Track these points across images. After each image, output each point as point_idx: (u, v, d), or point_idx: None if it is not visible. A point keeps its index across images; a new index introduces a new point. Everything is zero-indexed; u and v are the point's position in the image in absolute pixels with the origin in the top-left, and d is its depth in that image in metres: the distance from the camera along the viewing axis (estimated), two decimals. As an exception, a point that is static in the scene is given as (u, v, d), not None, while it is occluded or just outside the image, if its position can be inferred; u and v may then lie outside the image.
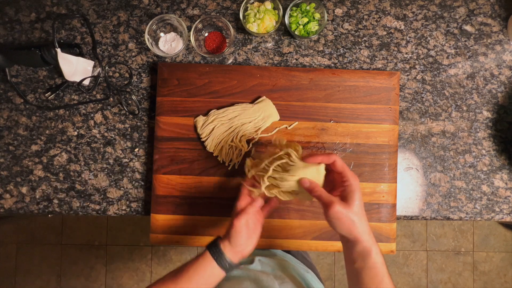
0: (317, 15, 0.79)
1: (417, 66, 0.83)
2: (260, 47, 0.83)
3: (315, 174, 0.56)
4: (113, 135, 0.82)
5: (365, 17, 0.83)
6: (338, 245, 0.78)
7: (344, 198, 0.54)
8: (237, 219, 0.58)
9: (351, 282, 0.57)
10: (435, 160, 0.82)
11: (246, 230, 0.59)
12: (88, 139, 0.82)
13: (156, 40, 0.80)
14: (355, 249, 0.55)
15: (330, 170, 0.58)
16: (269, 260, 0.73)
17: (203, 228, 0.78)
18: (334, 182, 0.58)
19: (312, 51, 0.83)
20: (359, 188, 0.54)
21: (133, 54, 0.83)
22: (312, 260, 0.96)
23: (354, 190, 0.53)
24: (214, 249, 0.58)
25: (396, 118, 0.79)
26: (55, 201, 0.82)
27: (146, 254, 1.82)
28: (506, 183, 0.82)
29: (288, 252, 0.86)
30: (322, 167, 0.57)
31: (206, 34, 0.81)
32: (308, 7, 0.79)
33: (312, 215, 0.78)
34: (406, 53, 0.83)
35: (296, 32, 0.78)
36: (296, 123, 0.79)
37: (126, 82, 0.82)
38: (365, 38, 0.83)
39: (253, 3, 0.79)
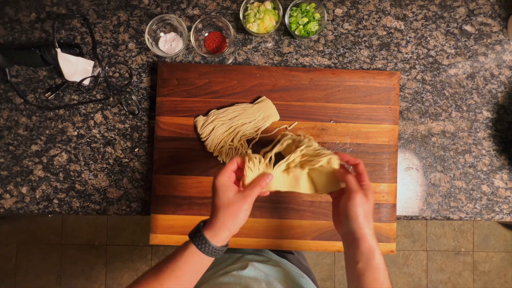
0: (317, 15, 0.79)
1: (417, 66, 0.83)
2: (260, 47, 0.83)
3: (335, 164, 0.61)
4: (113, 135, 0.82)
5: (365, 17, 0.83)
6: (338, 245, 0.78)
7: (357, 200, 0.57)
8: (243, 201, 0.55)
9: (352, 283, 0.57)
10: (435, 160, 0.82)
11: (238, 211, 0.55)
12: (88, 139, 0.82)
13: (156, 40, 0.80)
14: (360, 248, 0.55)
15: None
16: (263, 265, 0.72)
17: (203, 228, 0.78)
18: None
19: (312, 51, 0.83)
20: (372, 190, 0.59)
21: (133, 54, 0.83)
22: (312, 261, 0.96)
23: (370, 189, 0.58)
24: (198, 238, 0.54)
25: (396, 118, 0.79)
26: (55, 201, 0.82)
27: (146, 254, 1.82)
28: (506, 183, 0.82)
29: (284, 257, 0.85)
30: (337, 161, 0.61)
31: (206, 34, 0.81)
32: (308, 7, 0.79)
33: (312, 215, 0.78)
34: (406, 53, 0.83)
35: (296, 32, 0.78)
36: (296, 123, 0.79)
37: (126, 82, 0.82)
38: (365, 38, 0.83)
39: (253, 3, 0.79)
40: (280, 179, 0.61)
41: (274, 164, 0.61)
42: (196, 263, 0.54)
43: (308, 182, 0.62)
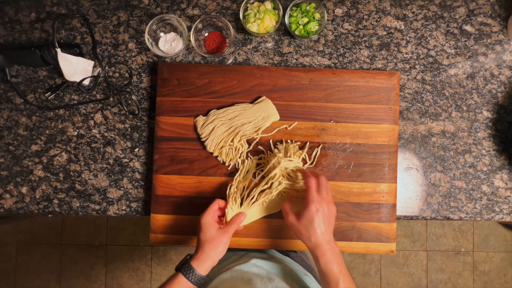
0: (317, 15, 0.79)
1: (417, 66, 0.83)
2: (260, 47, 0.83)
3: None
4: (113, 135, 0.82)
5: (365, 17, 0.83)
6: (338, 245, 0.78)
7: (300, 212, 0.63)
8: (224, 233, 0.67)
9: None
10: (435, 160, 0.82)
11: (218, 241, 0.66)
12: (88, 139, 0.82)
13: (156, 40, 0.80)
14: (327, 280, 0.61)
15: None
16: (265, 262, 0.73)
17: (203, 228, 0.78)
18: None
19: (312, 51, 0.83)
20: (314, 207, 0.62)
21: (133, 54, 0.83)
22: (312, 261, 0.96)
23: (306, 207, 0.63)
24: (186, 269, 0.64)
25: (396, 118, 0.79)
26: (55, 201, 0.82)
27: (146, 254, 1.82)
28: (506, 183, 0.82)
29: (287, 254, 0.85)
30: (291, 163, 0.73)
31: (206, 34, 0.81)
32: (308, 7, 0.79)
33: (312, 215, 0.78)
34: (406, 53, 0.83)
35: (296, 32, 0.78)
36: (296, 123, 0.79)
37: (126, 82, 0.82)
38: (365, 38, 0.83)
39: (253, 3, 0.79)
40: (252, 213, 0.75)
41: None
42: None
43: (274, 204, 0.76)
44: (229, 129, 0.77)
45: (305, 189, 0.64)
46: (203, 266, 0.64)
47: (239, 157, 0.78)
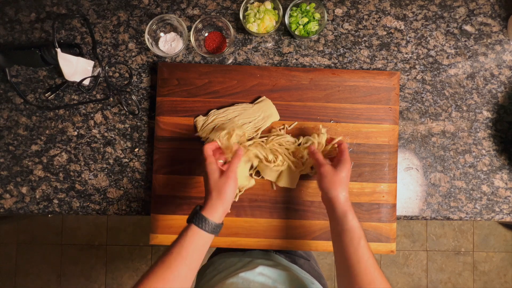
0: (317, 15, 0.79)
1: (417, 66, 0.83)
2: (260, 47, 0.83)
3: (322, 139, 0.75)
4: (113, 135, 0.82)
5: (365, 17, 0.83)
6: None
7: (335, 166, 0.68)
8: (227, 178, 0.64)
9: (334, 245, 0.65)
10: (435, 160, 0.82)
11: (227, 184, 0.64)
12: (88, 139, 0.82)
13: (156, 40, 0.80)
14: (335, 212, 0.64)
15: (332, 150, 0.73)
16: (271, 270, 0.72)
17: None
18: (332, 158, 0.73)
19: (312, 51, 0.83)
20: (349, 166, 0.67)
21: (133, 54, 0.83)
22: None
23: (346, 163, 0.67)
24: (198, 219, 0.62)
25: (396, 118, 0.79)
26: (55, 201, 0.82)
27: (146, 254, 1.82)
28: (506, 183, 0.82)
29: (295, 262, 0.84)
30: (324, 136, 0.74)
31: (206, 34, 0.81)
32: (308, 7, 0.79)
33: (312, 215, 0.78)
34: (406, 53, 0.83)
35: (296, 32, 0.78)
36: (296, 123, 0.79)
37: (126, 82, 0.82)
38: (365, 38, 0.83)
39: (253, 3, 0.79)
40: (270, 172, 0.77)
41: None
42: (199, 242, 0.61)
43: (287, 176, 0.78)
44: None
45: (339, 149, 0.71)
46: (215, 213, 0.62)
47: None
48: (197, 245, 0.61)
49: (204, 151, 0.66)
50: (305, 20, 0.78)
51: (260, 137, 0.78)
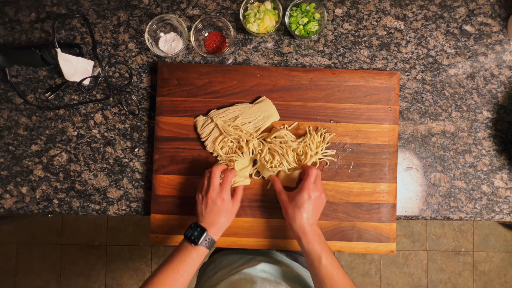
0: (317, 15, 0.79)
1: (417, 66, 0.83)
2: (260, 47, 0.83)
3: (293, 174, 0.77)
4: (113, 135, 0.82)
5: (365, 17, 0.83)
6: (337, 245, 0.78)
7: (293, 195, 0.69)
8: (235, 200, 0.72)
9: (311, 273, 0.67)
10: (435, 160, 0.82)
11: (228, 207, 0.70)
12: (88, 139, 0.82)
13: (156, 40, 0.80)
14: (293, 237, 0.68)
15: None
16: (273, 267, 0.73)
17: (203, 228, 0.78)
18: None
19: (312, 51, 0.83)
20: (307, 195, 0.68)
21: (133, 54, 0.83)
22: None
23: (300, 192, 0.68)
24: (207, 241, 0.66)
25: (396, 118, 0.79)
26: (55, 201, 0.82)
27: (146, 254, 1.82)
28: (506, 183, 0.82)
29: (296, 260, 0.85)
30: (297, 172, 0.76)
31: (206, 34, 0.81)
32: (308, 7, 0.79)
33: (312, 215, 0.78)
34: (406, 53, 0.83)
35: (296, 32, 0.78)
36: (296, 123, 0.79)
37: (126, 82, 0.82)
38: (365, 38, 0.83)
39: (253, 3, 0.79)
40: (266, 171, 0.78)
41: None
42: (194, 257, 0.65)
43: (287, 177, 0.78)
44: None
45: (303, 174, 0.72)
46: (218, 234, 0.69)
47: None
48: (192, 261, 0.65)
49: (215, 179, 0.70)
50: (305, 20, 0.78)
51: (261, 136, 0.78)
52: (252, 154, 0.78)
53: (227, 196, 0.69)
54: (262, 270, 0.71)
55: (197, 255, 0.65)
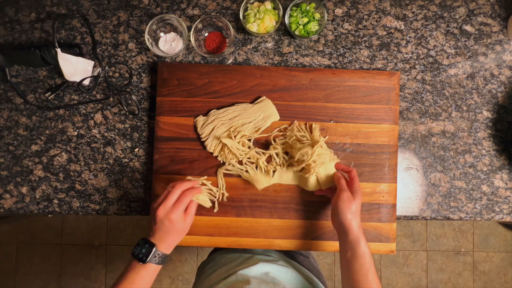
0: (317, 15, 0.79)
1: (417, 66, 0.83)
2: (260, 47, 0.83)
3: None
4: (113, 135, 0.82)
5: (365, 17, 0.83)
6: (337, 245, 0.78)
7: (351, 193, 0.68)
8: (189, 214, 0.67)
9: (344, 270, 0.66)
10: (435, 160, 0.82)
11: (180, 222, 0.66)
12: (88, 139, 0.82)
13: (156, 40, 0.80)
14: (347, 238, 0.65)
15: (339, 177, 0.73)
16: (272, 266, 0.72)
17: (202, 228, 0.78)
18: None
19: (312, 51, 0.83)
20: (361, 195, 0.68)
21: (133, 54, 0.83)
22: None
23: (358, 191, 0.68)
24: (159, 258, 0.63)
25: (396, 118, 0.79)
26: (55, 201, 0.82)
27: (146, 254, 1.82)
28: (506, 183, 0.82)
29: (294, 259, 0.85)
30: (334, 166, 0.75)
31: (206, 34, 0.81)
32: (308, 7, 0.79)
33: (312, 215, 0.78)
34: (406, 53, 0.83)
35: (296, 32, 0.78)
36: (296, 123, 0.79)
37: (126, 82, 0.82)
38: (365, 38, 0.83)
39: (253, 3, 0.79)
40: (289, 176, 0.78)
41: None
42: (143, 275, 0.62)
43: (314, 181, 0.76)
44: (229, 129, 0.77)
45: (349, 177, 0.72)
46: (170, 248, 0.66)
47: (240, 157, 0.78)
48: (144, 278, 0.62)
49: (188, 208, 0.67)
50: (305, 20, 0.78)
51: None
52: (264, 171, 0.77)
53: (176, 216, 0.63)
54: (260, 270, 0.71)
55: (147, 273, 0.62)
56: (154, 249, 0.62)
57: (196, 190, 0.68)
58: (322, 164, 0.74)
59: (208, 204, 0.74)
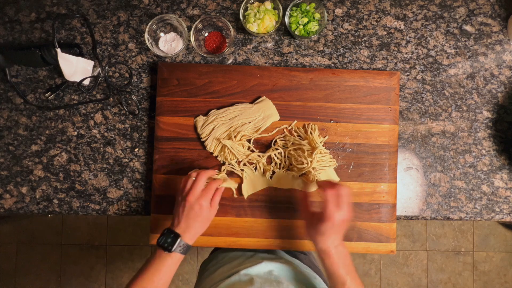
0: (317, 15, 0.79)
1: (417, 66, 0.83)
2: (260, 47, 0.83)
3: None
4: (113, 135, 0.82)
5: (365, 17, 0.83)
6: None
7: (316, 220, 0.64)
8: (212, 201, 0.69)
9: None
10: (435, 160, 0.82)
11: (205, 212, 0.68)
12: (88, 139, 0.82)
13: (156, 40, 0.80)
14: (326, 270, 0.63)
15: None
16: (274, 264, 0.73)
17: (203, 228, 0.78)
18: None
19: (312, 51, 0.83)
20: (331, 224, 0.61)
21: (133, 54, 0.83)
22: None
23: (322, 221, 0.62)
24: (183, 247, 0.65)
25: (396, 118, 0.79)
26: (55, 201, 0.82)
27: (146, 254, 1.82)
28: (506, 183, 0.82)
29: (296, 257, 0.85)
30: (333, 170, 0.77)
31: (206, 34, 0.81)
32: (308, 7, 0.79)
33: (312, 215, 0.78)
34: (406, 53, 0.83)
35: (296, 32, 0.78)
36: (296, 122, 0.79)
37: (126, 82, 0.82)
38: (365, 38, 0.83)
39: (253, 3, 0.79)
40: (259, 182, 0.78)
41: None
42: (168, 264, 0.64)
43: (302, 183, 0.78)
44: (229, 129, 0.77)
45: (324, 198, 0.62)
46: (193, 239, 0.68)
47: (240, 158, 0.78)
48: (168, 268, 0.64)
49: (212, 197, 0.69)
50: (305, 20, 0.78)
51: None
52: (263, 172, 0.78)
53: (205, 202, 0.66)
54: (263, 268, 0.71)
55: (172, 262, 0.64)
56: (179, 239, 0.64)
57: (218, 181, 0.71)
58: (322, 171, 0.75)
59: (234, 186, 0.77)
